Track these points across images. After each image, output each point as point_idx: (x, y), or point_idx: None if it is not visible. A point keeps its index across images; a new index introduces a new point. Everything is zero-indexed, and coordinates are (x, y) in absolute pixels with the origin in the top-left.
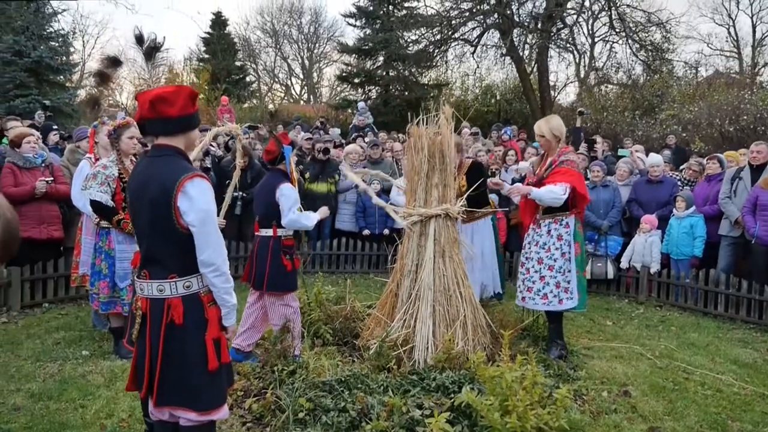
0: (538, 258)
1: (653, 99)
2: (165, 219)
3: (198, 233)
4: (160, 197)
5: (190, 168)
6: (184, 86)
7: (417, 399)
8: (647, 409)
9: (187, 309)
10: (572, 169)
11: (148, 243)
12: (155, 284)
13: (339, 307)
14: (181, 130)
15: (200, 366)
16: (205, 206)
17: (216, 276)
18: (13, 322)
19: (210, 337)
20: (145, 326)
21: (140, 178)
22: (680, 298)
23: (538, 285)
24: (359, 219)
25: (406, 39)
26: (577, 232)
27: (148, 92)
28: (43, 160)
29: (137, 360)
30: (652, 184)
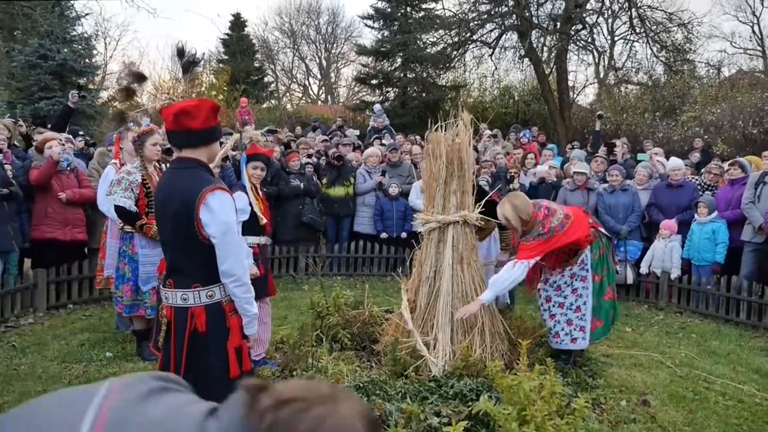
0: (546, 296)
1: (674, 100)
2: (187, 230)
3: (219, 244)
4: (183, 209)
5: (212, 180)
6: (206, 100)
7: (435, 406)
8: (667, 420)
9: (209, 318)
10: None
11: (172, 253)
12: (179, 293)
13: (357, 312)
14: (203, 143)
15: (222, 374)
16: (225, 218)
17: (237, 286)
18: (39, 323)
19: (232, 345)
20: (169, 334)
21: (164, 190)
22: (701, 304)
23: (549, 323)
24: (377, 222)
25: (424, 41)
26: (594, 261)
27: (172, 106)
28: (68, 164)
29: (163, 367)
30: (672, 188)
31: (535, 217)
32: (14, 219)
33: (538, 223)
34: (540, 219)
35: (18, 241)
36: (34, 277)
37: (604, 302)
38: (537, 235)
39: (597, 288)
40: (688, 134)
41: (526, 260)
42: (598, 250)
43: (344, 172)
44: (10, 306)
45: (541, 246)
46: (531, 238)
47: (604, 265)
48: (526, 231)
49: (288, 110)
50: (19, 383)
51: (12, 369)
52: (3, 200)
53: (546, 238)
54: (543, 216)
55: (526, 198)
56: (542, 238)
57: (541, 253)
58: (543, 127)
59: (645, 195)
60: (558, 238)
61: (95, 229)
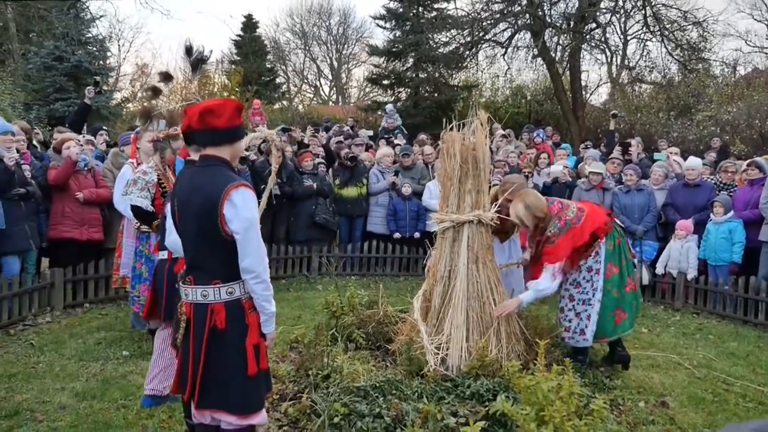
0: (570, 296)
1: (689, 99)
2: (211, 226)
3: (241, 240)
4: (207, 205)
5: (236, 178)
6: (230, 99)
7: (452, 406)
8: (686, 421)
9: (229, 314)
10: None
11: (193, 250)
12: (199, 290)
13: (372, 312)
14: (228, 141)
15: (240, 370)
16: (249, 215)
17: (257, 283)
18: (56, 322)
19: (250, 342)
20: (189, 331)
21: (187, 187)
22: (718, 305)
23: (576, 322)
24: (390, 222)
25: (436, 41)
26: (608, 252)
27: (198, 104)
28: (85, 164)
29: (182, 364)
30: (688, 188)
31: (550, 210)
32: (32, 218)
33: (553, 217)
34: (555, 212)
35: (36, 241)
36: (51, 276)
37: (626, 293)
38: (557, 230)
39: (617, 280)
40: (704, 134)
41: (558, 262)
42: (614, 241)
43: (357, 173)
44: (28, 305)
45: (565, 242)
46: (552, 236)
47: (622, 255)
48: (543, 228)
49: (299, 111)
50: (38, 381)
51: (30, 367)
52: (20, 200)
53: (564, 231)
54: (558, 209)
55: (538, 195)
56: (562, 233)
57: (567, 252)
58: (556, 127)
59: (661, 195)
60: (577, 232)
61: (111, 229)
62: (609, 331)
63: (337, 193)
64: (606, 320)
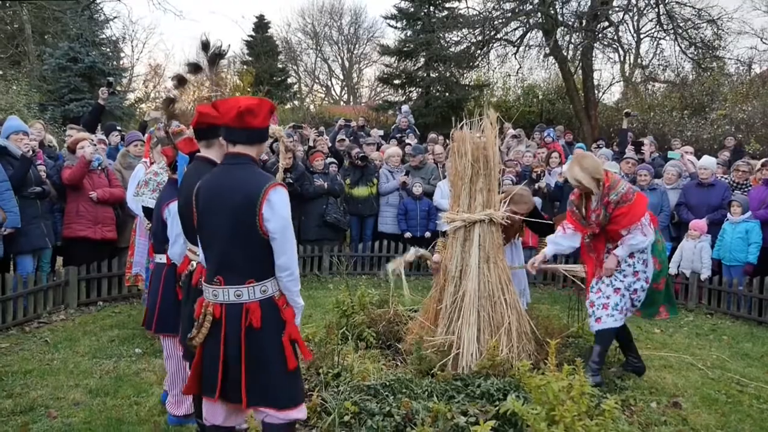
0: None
1: (703, 98)
2: (248, 225)
3: (278, 239)
4: (246, 204)
5: (270, 177)
6: (265, 100)
7: (462, 405)
8: (699, 422)
9: (264, 313)
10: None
11: (224, 249)
12: (232, 290)
13: (382, 311)
14: (259, 141)
15: (280, 366)
16: (285, 214)
17: (290, 280)
18: (70, 319)
19: (287, 337)
20: (217, 331)
21: (218, 184)
22: (732, 306)
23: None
24: (401, 221)
25: (447, 40)
26: (655, 246)
27: (236, 102)
28: (99, 163)
29: (205, 364)
30: (702, 187)
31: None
32: (47, 217)
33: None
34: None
35: (51, 239)
36: (65, 274)
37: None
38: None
39: (656, 274)
40: (718, 132)
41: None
42: (662, 239)
43: (367, 173)
44: (43, 302)
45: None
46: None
47: (662, 255)
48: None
49: (311, 111)
50: (52, 377)
51: (45, 364)
52: (36, 198)
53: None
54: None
55: (594, 157)
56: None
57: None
58: (568, 126)
59: (674, 194)
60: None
61: (124, 228)
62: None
63: (347, 192)
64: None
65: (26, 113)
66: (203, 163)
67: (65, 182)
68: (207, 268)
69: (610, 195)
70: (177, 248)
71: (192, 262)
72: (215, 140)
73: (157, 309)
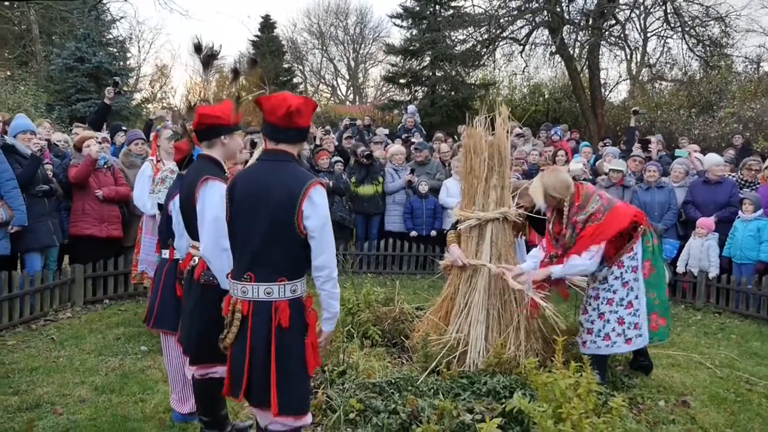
0: (596, 294)
1: (711, 96)
2: (286, 223)
3: (316, 238)
4: (287, 201)
5: (312, 175)
6: (311, 99)
7: (467, 403)
8: (707, 421)
9: (292, 313)
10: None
11: (259, 245)
12: (263, 287)
13: (388, 309)
14: (302, 140)
15: (301, 369)
16: (325, 212)
17: (327, 280)
18: (76, 317)
19: (309, 341)
20: (244, 330)
21: (259, 180)
22: (741, 304)
23: (598, 324)
24: (407, 220)
25: (453, 39)
26: (646, 249)
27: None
28: (105, 162)
29: (234, 364)
30: (709, 185)
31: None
32: (54, 215)
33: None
34: (593, 192)
35: (58, 237)
36: (72, 272)
37: (666, 298)
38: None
39: (655, 281)
40: (726, 131)
41: (598, 245)
42: (652, 239)
43: (373, 171)
44: (50, 300)
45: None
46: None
47: (660, 256)
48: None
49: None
50: (58, 374)
51: (51, 361)
52: (43, 196)
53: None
54: (594, 190)
55: (561, 177)
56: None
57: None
58: (575, 125)
59: (681, 192)
60: (620, 212)
61: (130, 227)
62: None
63: (353, 191)
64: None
65: (33, 113)
66: (206, 161)
67: (71, 181)
68: (235, 265)
69: (578, 214)
70: (184, 241)
71: (194, 257)
72: (217, 140)
73: (156, 305)
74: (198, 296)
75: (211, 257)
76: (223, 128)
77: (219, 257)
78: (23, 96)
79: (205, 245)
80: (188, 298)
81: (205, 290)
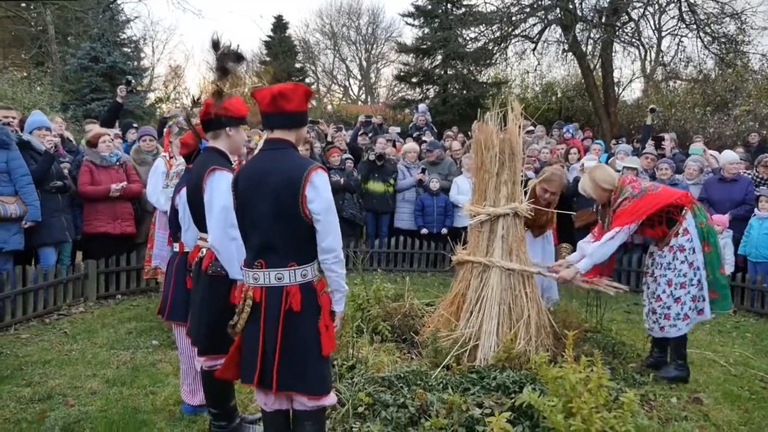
0: (667, 280)
1: (726, 94)
2: (290, 208)
3: (321, 221)
4: (288, 187)
5: (311, 160)
6: (300, 84)
7: (477, 398)
8: (721, 418)
9: (303, 297)
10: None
11: (266, 232)
12: (273, 273)
13: (398, 304)
14: (296, 125)
15: (315, 351)
16: (328, 196)
17: (335, 262)
18: (89, 312)
19: (323, 323)
20: (257, 316)
21: (259, 169)
22: (756, 303)
23: (675, 309)
24: (418, 218)
25: (465, 37)
26: (700, 230)
27: (270, 88)
28: (117, 159)
29: (245, 349)
30: (725, 182)
31: (622, 183)
32: (67, 211)
33: (626, 185)
34: (628, 183)
35: (71, 233)
36: (85, 267)
37: (720, 276)
38: (630, 195)
39: (710, 260)
40: (741, 129)
41: (627, 225)
42: (705, 219)
43: (385, 171)
44: (63, 295)
45: (637, 206)
46: (625, 200)
47: (713, 237)
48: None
49: (328, 110)
50: (70, 367)
51: (64, 354)
52: (57, 192)
53: (640, 197)
54: (631, 180)
55: (607, 169)
56: (636, 197)
57: (641, 216)
58: (587, 124)
59: (695, 190)
60: (654, 197)
61: (142, 223)
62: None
63: (363, 187)
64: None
65: (49, 111)
66: (213, 153)
67: (80, 194)
68: (247, 254)
69: (615, 202)
70: (191, 233)
71: (202, 248)
72: (221, 131)
73: (169, 297)
74: (206, 287)
75: (220, 247)
76: (230, 120)
77: (228, 247)
78: (39, 95)
79: (214, 235)
80: (196, 290)
81: (213, 281)
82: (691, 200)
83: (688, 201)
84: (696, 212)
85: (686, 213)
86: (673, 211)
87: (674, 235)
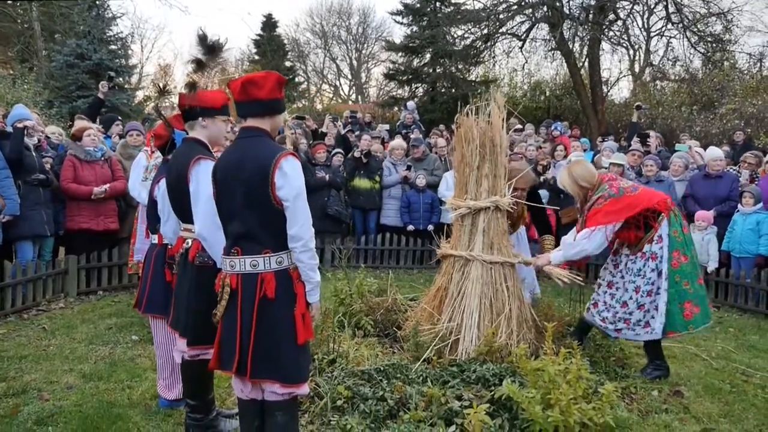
0: (636, 287)
1: (713, 93)
2: (261, 195)
3: (290, 208)
4: (258, 174)
5: (282, 147)
6: (272, 72)
7: (456, 390)
8: (701, 410)
9: (278, 284)
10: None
11: (242, 220)
12: (248, 260)
13: (381, 299)
14: (269, 113)
15: (289, 339)
16: (298, 182)
17: (303, 251)
18: (69, 308)
19: (299, 312)
20: (234, 302)
21: (233, 158)
22: (740, 298)
23: (638, 315)
24: (404, 214)
25: (452, 35)
26: (674, 239)
27: (240, 78)
28: (102, 154)
29: (225, 337)
30: (710, 179)
31: (600, 180)
32: (48, 206)
33: (604, 182)
34: (606, 180)
35: (51, 227)
36: (65, 263)
37: (699, 287)
38: (606, 194)
39: (688, 271)
40: (727, 127)
41: (604, 225)
42: (680, 228)
43: (371, 168)
44: (42, 290)
45: (614, 206)
46: (600, 198)
47: (691, 246)
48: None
49: (318, 109)
50: (47, 362)
51: (41, 350)
52: (39, 186)
53: (617, 197)
54: (609, 178)
55: (587, 165)
56: (613, 197)
57: (619, 218)
58: (575, 122)
59: (681, 186)
60: (632, 200)
61: (125, 219)
62: (679, 326)
63: (349, 185)
64: (674, 313)
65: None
66: (192, 143)
67: (63, 190)
68: (226, 242)
69: (590, 200)
70: (170, 225)
71: (187, 239)
72: (195, 122)
73: (147, 290)
74: (193, 278)
75: (208, 236)
76: (204, 110)
77: (215, 235)
78: (23, 92)
79: (202, 224)
80: (183, 281)
81: (201, 271)
82: (669, 206)
83: (666, 207)
84: (672, 220)
85: (662, 220)
86: (650, 216)
87: (648, 242)
